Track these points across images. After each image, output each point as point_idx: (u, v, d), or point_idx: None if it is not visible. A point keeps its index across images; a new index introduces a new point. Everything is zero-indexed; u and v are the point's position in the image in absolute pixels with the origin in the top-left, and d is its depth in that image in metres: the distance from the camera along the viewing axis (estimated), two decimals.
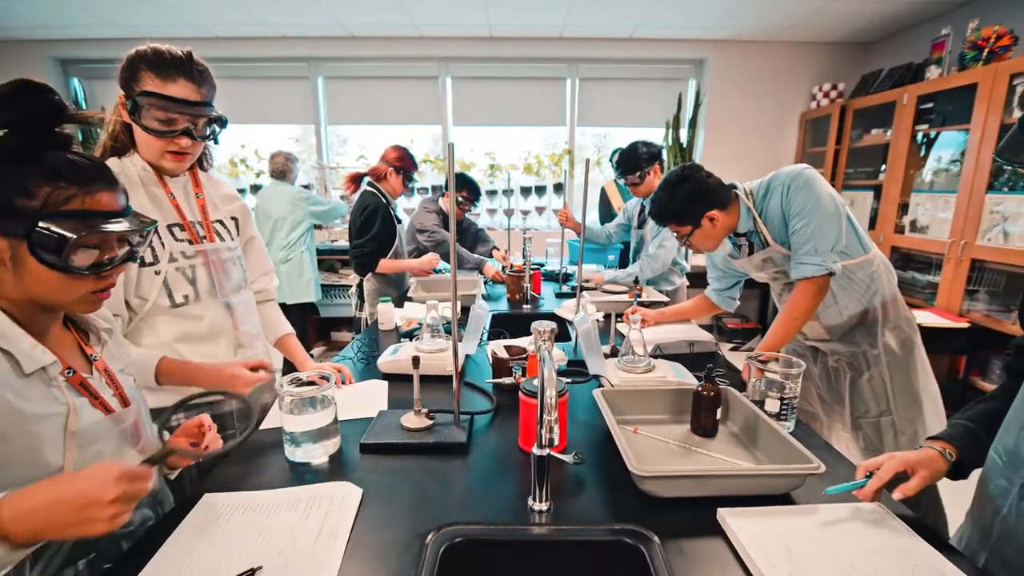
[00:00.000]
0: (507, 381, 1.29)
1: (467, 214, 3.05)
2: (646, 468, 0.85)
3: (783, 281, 1.52)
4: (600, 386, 1.32)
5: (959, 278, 2.88)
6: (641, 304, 2.06)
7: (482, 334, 1.76)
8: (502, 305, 2.36)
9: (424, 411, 1.11)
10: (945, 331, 2.83)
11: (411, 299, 2.32)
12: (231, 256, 1.24)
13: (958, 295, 2.89)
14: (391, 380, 1.42)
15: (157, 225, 0.87)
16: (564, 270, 2.85)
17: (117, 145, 1.11)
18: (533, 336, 1.08)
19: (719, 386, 1.10)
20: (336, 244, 4.35)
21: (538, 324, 1.06)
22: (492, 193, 4.48)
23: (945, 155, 3.18)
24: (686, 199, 1.39)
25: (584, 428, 1.15)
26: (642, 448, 1.06)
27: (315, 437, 0.99)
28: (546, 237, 4.19)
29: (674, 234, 1.49)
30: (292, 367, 1.37)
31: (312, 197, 3.62)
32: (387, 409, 1.22)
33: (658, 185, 1.47)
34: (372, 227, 2.34)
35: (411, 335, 1.81)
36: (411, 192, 2.61)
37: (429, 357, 1.39)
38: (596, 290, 2.45)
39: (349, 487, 0.90)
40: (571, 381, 1.39)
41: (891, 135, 3.37)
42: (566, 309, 2.04)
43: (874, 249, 1.44)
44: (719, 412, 1.09)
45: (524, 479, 0.95)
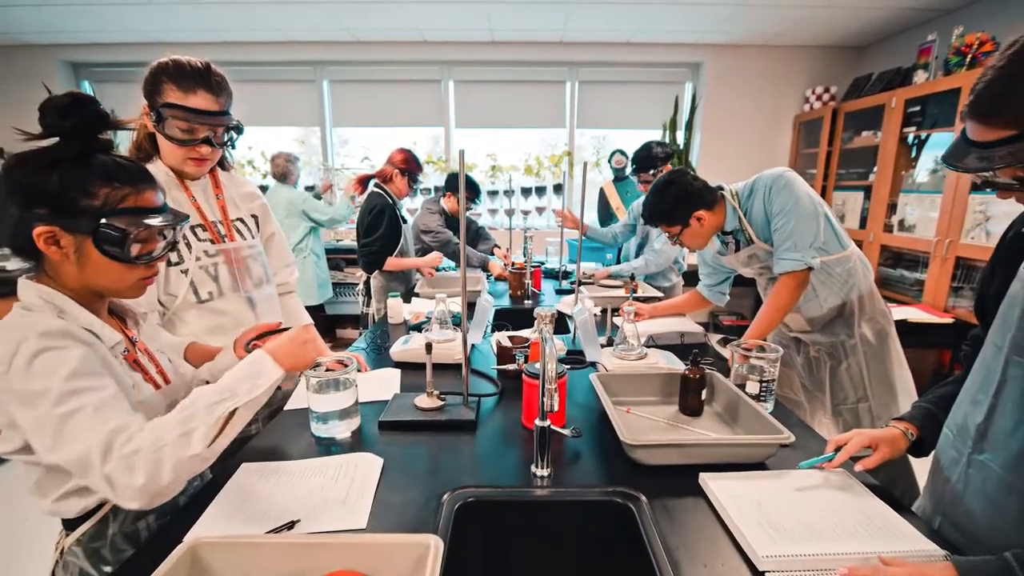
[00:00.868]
0: (511, 367, 1.40)
1: (468, 212, 3.16)
2: (636, 438, 0.96)
3: (768, 276, 1.63)
4: (597, 371, 1.43)
5: (944, 275, 2.99)
6: (636, 299, 2.17)
7: (487, 327, 1.87)
8: (504, 301, 2.47)
9: (436, 393, 1.21)
10: (931, 326, 2.94)
11: (418, 295, 2.43)
12: (251, 253, 1.34)
13: (943, 292, 3.00)
14: (403, 368, 1.53)
15: (189, 219, 0.97)
16: (564, 268, 2.96)
17: (141, 155, 1.19)
18: (536, 320, 1.19)
19: (704, 370, 1.20)
20: (341, 243, 4.45)
21: (540, 309, 1.17)
22: (494, 194, 4.59)
23: (932, 157, 3.29)
24: (674, 201, 1.50)
25: (582, 409, 1.26)
26: (634, 425, 1.17)
27: (339, 415, 1.10)
28: (546, 236, 4.31)
29: (666, 234, 1.60)
30: None
31: (310, 202, 3.59)
32: (401, 392, 1.33)
33: (648, 189, 1.58)
34: (379, 227, 2.45)
35: (419, 328, 1.92)
36: (414, 193, 2.72)
37: (439, 346, 1.50)
38: (594, 284, 2.56)
39: (371, 457, 1.01)
40: (570, 367, 1.49)
41: (880, 137, 3.48)
42: (566, 304, 2.15)
43: (851, 246, 1.55)
44: (704, 393, 1.20)
45: (527, 451, 1.05)
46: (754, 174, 1.56)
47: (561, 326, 2.05)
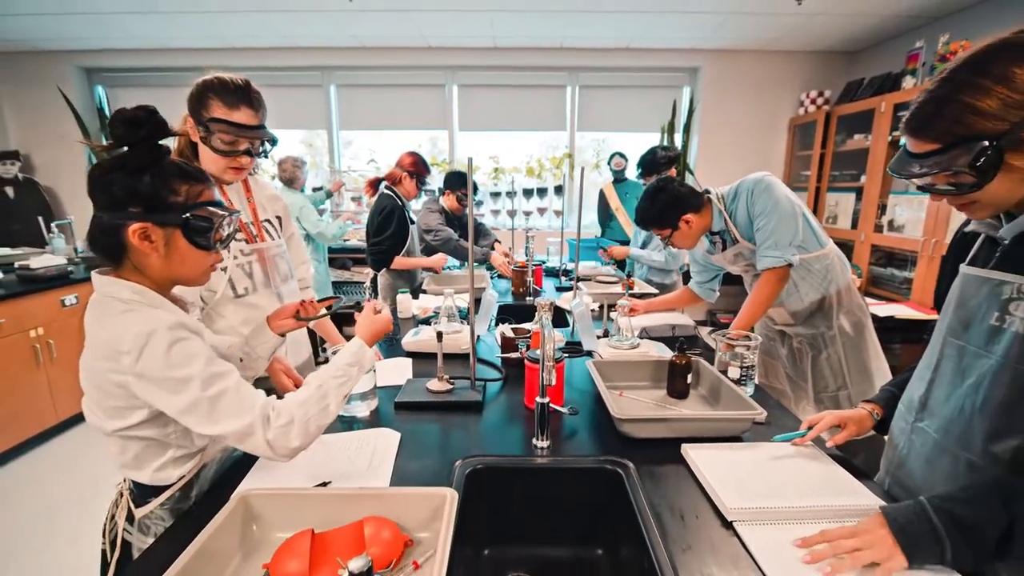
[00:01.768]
0: (514, 355, 1.52)
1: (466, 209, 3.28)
2: (625, 413, 1.08)
3: (752, 273, 1.75)
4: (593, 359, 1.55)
5: (932, 274, 3.10)
6: (632, 296, 2.29)
7: (491, 320, 1.99)
8: (507, 298, 2.59)
9: (446, 377, 1.34)
10: (920, 323, 3.05)
11: (425, 292, 2.56)
12: (279, 252, 1.46)
13: (931, 289, 3.11)
14: (414, 358, 1.65)
15: (240, 213, 1.07)
16: (564, 266, 3.09)
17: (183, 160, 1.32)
18: (536, 309, 1.31)
19: (690, 356, 1.32)
20: (347, 243, 4.57)
21: (540, 299, 1.29)
22: (496, 195, 4.72)
23: None
24: (663, 207, 1.63)
25: (578, 393, 1.38)
26: (625, 406, 1.29)
27: (359, 396, 1.22)
28: (547, 236, 4.43)
29: (657, 236, 1.72)
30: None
31: (305, 210, 3.51)
32: (413, 378, 1.45)
33: (639, 197, 1.71)
34: (389, 227, 2.57)
35: (427, 321, 2.04)
36: (421, 194, 2.85)
37: (448, 336, 1.62)
38: (592, 280, 2.69)
39: (390, 432, 1.13)
40: (568, 356, 1.62)
41: (871, 141, 3.59)
42: (565, 300, 2.27)
43: (830, 244, 1.67)
44: (689, 378, 1.32)
45: (529, 428, 1.17)
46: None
47: (561, 322, 2.17)
